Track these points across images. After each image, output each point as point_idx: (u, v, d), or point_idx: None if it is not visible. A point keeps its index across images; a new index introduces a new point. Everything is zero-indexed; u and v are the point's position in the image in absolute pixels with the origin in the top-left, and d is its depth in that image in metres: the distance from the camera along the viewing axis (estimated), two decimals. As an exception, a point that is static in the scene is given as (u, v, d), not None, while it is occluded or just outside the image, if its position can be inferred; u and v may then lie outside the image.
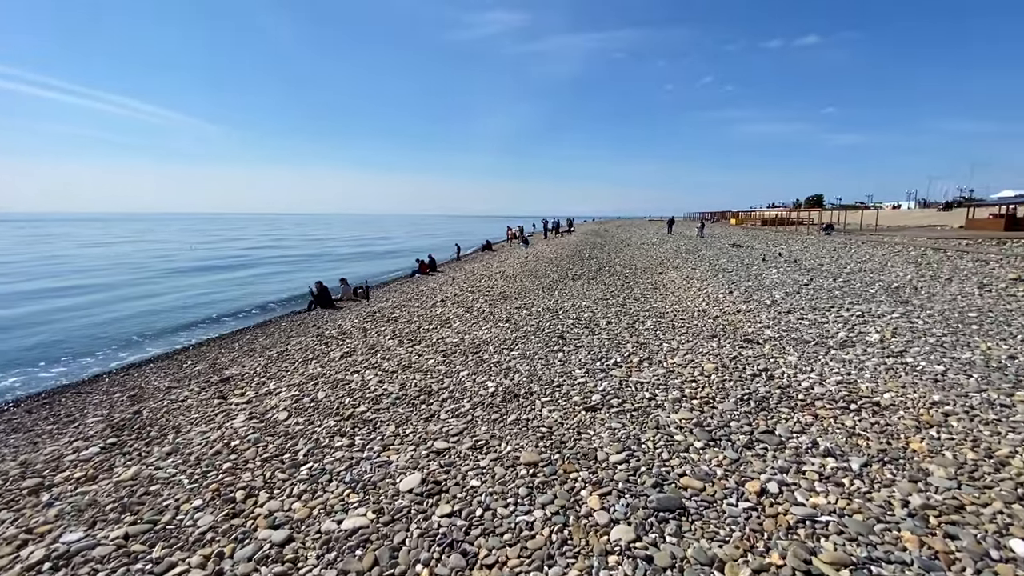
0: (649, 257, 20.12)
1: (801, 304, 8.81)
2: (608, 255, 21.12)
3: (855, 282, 11.29)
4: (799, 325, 7.21)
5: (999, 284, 10.76)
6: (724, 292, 10.68)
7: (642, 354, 5.58)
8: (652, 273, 15.22)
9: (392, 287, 17.57)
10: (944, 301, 8.87)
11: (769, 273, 13.17)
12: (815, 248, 20.56)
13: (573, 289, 11.27)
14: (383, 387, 4.94)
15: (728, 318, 7.96)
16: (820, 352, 5.76)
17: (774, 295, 9.86)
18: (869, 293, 9.81)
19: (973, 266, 13.55)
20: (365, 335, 8.11)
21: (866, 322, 7.25)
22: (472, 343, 6.41)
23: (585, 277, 13.62)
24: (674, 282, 13.05)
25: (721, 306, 9.08)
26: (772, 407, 4.02)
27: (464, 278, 15.59)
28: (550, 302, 9.33)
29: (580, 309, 8.55)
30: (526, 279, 13.41)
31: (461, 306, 9.64)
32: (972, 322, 7.17)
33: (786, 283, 11.37)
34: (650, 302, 9.64)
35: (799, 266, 14.57)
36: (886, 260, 15.47)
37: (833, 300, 9.07)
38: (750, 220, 50.60)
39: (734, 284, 11.66)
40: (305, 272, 23.47)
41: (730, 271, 14.23)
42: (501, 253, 27.73)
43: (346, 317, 10.82)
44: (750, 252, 19.81)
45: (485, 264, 20.16)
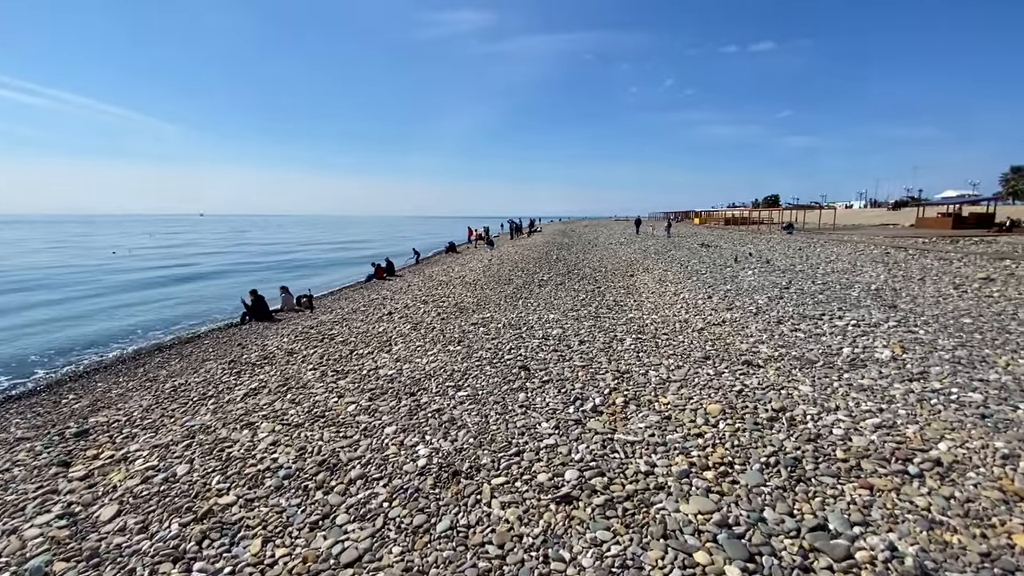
0: (618, 258, 19.23)
1: (788, 311, 7.91)
2: (577, 257, 20.10)
3: (834, 284, 10.59)
4: (795, 338, 6.23)
5: (972, 284, 10.29)
6: (702, 297, 9.73)
7: (626, 389, 4.39)
8: (623, 276, 14.25)
9: (343, 294, 15.90)
10: (931, 305, 8.17)
11: (744, 275, 12.38)
12: (781, 248, 20.20)
13: (539, 297, 10.06)
14: (274, 454, 3.53)
15: (715, 330, 6.94)
16: (832, 376, 4.75)
17: (757, 300, 8.96)
18: (852, 296, 9.06)
19: (939, 265, 13.23)
20: (288, 361, 6.61)
21: (864, 333, 6.36)
22: (411, 377, 5.04)
23: (553, 282, 12.45)
24: (647, 285, 12.07)
25: (703, 315, 8.08)
26: (810, 475, 2.90)
27: (421, 284, 14.14)
28: (513, 315, 8.06)
29: (548, 324, 7.32)
30: (488, 286, 12.10)
31: (409, 321, 8.24)
32: (971, 329, 6.40)
33: (765, 286, 10.55)
34: (625, 312, 8.55)
35: (772, 267, 13.90)
36: (854, 260, 15.06)
37: (820, 306, 8.22)
38: (713, 220, 51.08)
39: (711, 288, 10.75)
40: (258, 280, 21.36)
41: (704, 273, 13.41)
42: (465, 255, 26.34)
43: (279, 333, 9.22)
44: (720, 252, 19.22)
45: (446, 268, 18.74)
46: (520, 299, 9.79)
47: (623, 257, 19.69)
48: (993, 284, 10.19)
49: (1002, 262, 12.85)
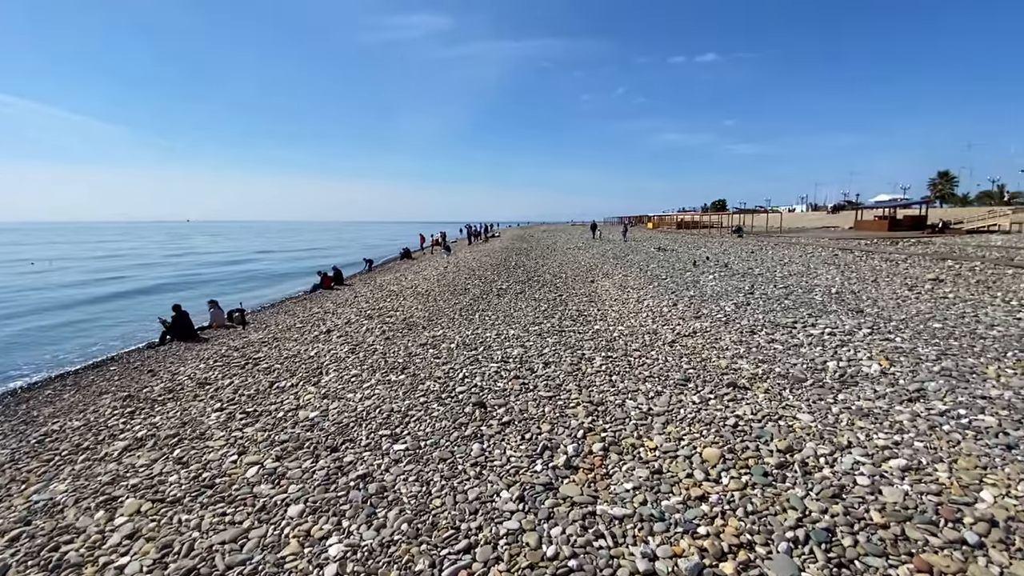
0: (578, 263, 18.73)
1: (759, 319, 7.47)
2: (536, 262, 19.44)
3: (795, 287, 10.39)
4: (774, 351, 5.71)
5: (924, 285, 10.40)
6: (667, 304, 9.22)
7: (603, 429, 3.60)
8: (584, 282, 13.66)
9: (283, 307, 14.41)
10: (894, 309, 8.00)
11: (706, 280, 12.07)
12: (735, 251, 20.41)
13: (498, 309, 9.21)
14: (123, 558, 2.48)
15: (687, 343, 6.34)
16: (827, 398, 4.19)
17: (724, 308, 8.53)
18: (817, 301, 8.80)
19: (887, 267, 13.51)
20: (196, 395, 5.41)
21: (843, 343, 5.94)
22: (337, 422, 4.03)
23: (512, 291, 11.65)
24: (609, 292, 11.51)
25: (671, 325, 7.51)
26: (852, 555, 2.21)
27: (369, 295, 12.96)
28: (468, 331, 7.16)
29: (507, 342, 6.48)
30: (442, 296, 11.13)
31: (349, 341, 7.16)
32: (944, 335, 6.13)
33: (728, 291, 10.20)
34: (590, 323, 7.86)
35: (732, 271, 13.74)
36: (806, 262, 15.23)
37: (789, 312, 7.85)
38: (665, 224, 52.21)
39: (674, 294, 10.29)
40: (201, 294, 19.24)
41: (664, 278, 13.03)
42: (420, 262, 25.13)
43: (199, 357, 7.88)
44: (677, 256, 19.13)
45: (399, 277, 17.56)
46: (477, 311, 8.90)
47: (583, 262, 19.22)
48: (944, 285, 10.31)
49: (944, 263, 13.26)
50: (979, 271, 11.67)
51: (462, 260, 21.81)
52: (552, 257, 22.20)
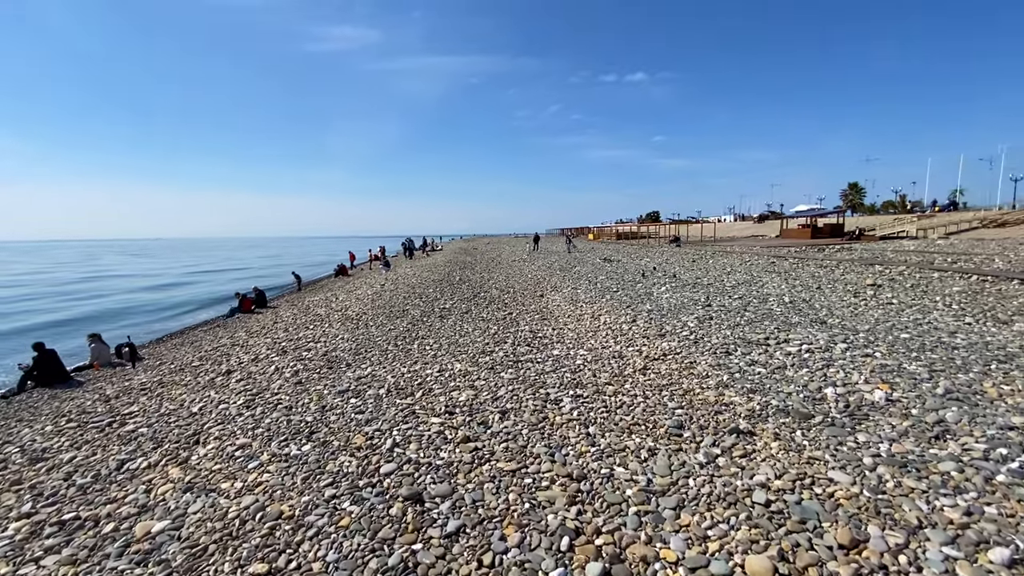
0: (525, 276, 17.84)
1: (727, 335, 6.83)
2: (481, 276, 18.33)
3: (749, 298, 10.05)
4: (759, 376, 4.97)
5: (866, 292, 10.47)
6: (626, 320, 8.44)
7: (597, 531, 2.49)
8: (533, 296, 12.73)
9: (190, 337, 12.21)
10: (852, 318, 7.72)
11: (660, 292, 11.54)
12: (677, 260, 20.50)
13: (441, 335, 7.96)
14: None
15: (660, 368, 5.49)
16: (847, 442, 3.41)
17: (687, 323, 7.86)
18: (776, 313, 8.39)
19: (824, 273, 13.77)
20: (14, 482, 3.72)
21: (826, 362, 5.34)
22: (192, 543, 2.59)
23: (457, 311, 10.43)
24: (561, 308, 10.62)
25: (636, 345, 6.68)
26: None
27: (291, 321, 11.19)
28: (404, 369, 5.85)
29: (453, 381, 5.25)
30: (375, 321, 9.68)
31: (249, 388, 5.60)
32: (916, 346, 5.74)
33: (685, 304, 9.63)
34: (547, 346, 6.85)
35: (681, 282, 13.39)
36: (748, 271, 15.32)
37: (754, 326, 7.30)
38: (605, 235, 53.15)
39: (631, 308, 9.57)
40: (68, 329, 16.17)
41: (616, 291, 12.40)
42: (356, 279, 23.19)
43: (58, 412, 5.94)
44: (624, 267, 18.80)
45: (329, 297, 15.73)
46: (416, 340, 7.59)
47: (529, 275, 18.38)
48: (883, 290, 10.41)
49: (873, 267, 13.71)
50: (907, 275, 12.04)
51: (402, 276, 20.24)
52: (498, 270, 21.21)
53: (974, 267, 11.99)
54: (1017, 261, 12.81)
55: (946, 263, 13.20)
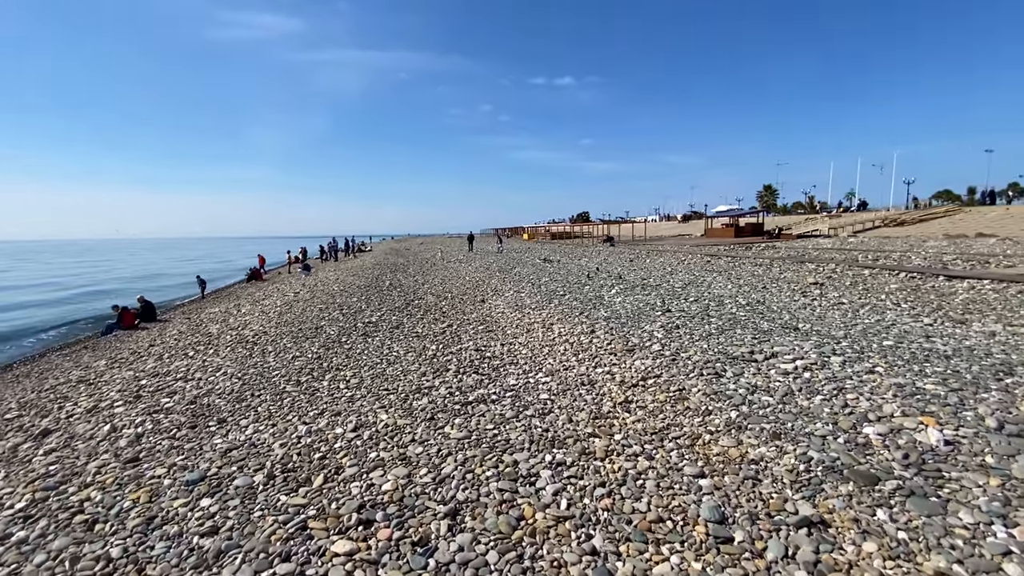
0: (463, 279, 16.30)
1: (704, 348, 5.84)
2: (415, 280, 16.49)
3: (705, 301, 9.33)
4: (771, 410, 3.92)
5: (812, 291, 10.22)
6: (584, 331, 7.27)
7: None
8: (473, 302, 11.27)
9: (41, 363, 9.28)
10: (816, 320, 7.15)
11: (610, 296, 10.56)
12: (616, 260, 20.02)
13: (363, 361, 6.23)
14: None
15: (644, 400, 4.30)
16: (951, 519, 2.36)
17: (652, 333, 6.82)
18: (741, 318, 7.65)
19: (763, 272, 13.69)
20: None
21: (837, 385, 4.44)
22: None
23: (386, 325, 8.68)
24: (506, 316, 9.28)
25: (605, 365, 5.49)
26: None
27: (173, 344, 8.77)
28: (301, 429, 3.97)
29: (375, 450, 3.55)
30: (278, 343, 7.66)
31: (59, 468, 3.58)
32: (913, 357, 5.06)
33: (643, 310, 8.67)
34: (501, 372, 5.44)
35: (628, 283, 12.59)
36: (689, 270, 14.99)
37: (728, 336, 6.41)
38: (540, 235, 52.81)
39: (585, 316, 8.43)
40: None
41: (563, 294, 11.28)
42: (271, 285, 20.27)
43: None
44: (565, 268, 17.88)
45: (230, 309, 13.13)
46: (328, 372, 5.77)
47: (467, 277, 16.87)
48: (828, 289, 10.20)
49: (806, 265, 13.84)
50: (841, 273, 12.12)
51: (322, 282, 17.80)
52: (433, 272, 19.44)
53: (896, 264, 12.32)
54: (930, 257, 13.50)
55: (869, 260, 13.57)
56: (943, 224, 23.09)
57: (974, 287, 9.07)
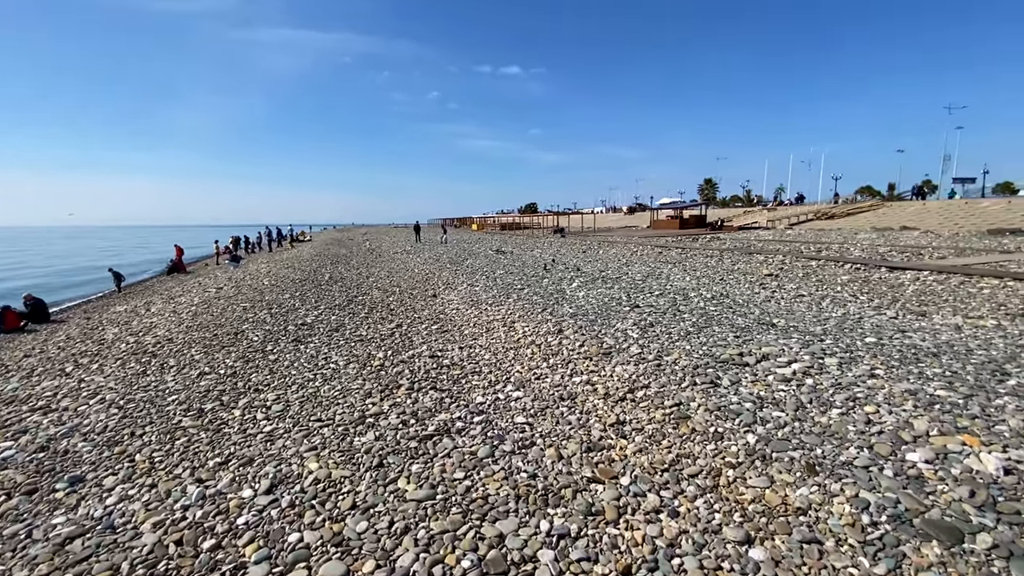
0: (411, 271, 15.06)
1: (687, 350, 5.23)
2: (358, 273, 15.01)
3: (669, 294, 8.87)
4: (790, 430, 3.30)
5: (770, 283, 10.11)
6: (550, 330, 6.50)
7: None
8: (424, 297, 10.21)
9: None
10: (792, 315, 6.83)
11: (572, 289, 9.86)
12: (568, 251, 19.52)
13: (292, 373, 5.04)
14: None
15: (641, 420, 3.56)
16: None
17: (627, 333, 6.16)
18: (713, 313, 7.20)
19: (714, 263, 13.62)
20: None
21: (849, 394, 3.95)
22: None
23: (323, 327, 7.41)
24: (461, 313, 8.34)
25: (583, 372, 4.73)
26: None
27: (55, 354, 6.96)
28: (208, 469, 2.88)
29: (303, 510, 2.54)
30: (184, 353, 6.19)
31: None
32: (904, 357, 4.71)
33: (609, 305, 8.03)
34: (463, 386, 4.50)
35: (587, 275, 11.99)
36: (644, 262, 14.70)
37: (707, 334, 5.86)
38: (489, 226, 51.76)
39: (549, 312, 7.67)
40: None
41: (520, 287, 10.48)
42: (194, 279, 17.86)
43: None
44: (519, 259, 17.08)
45: (139, 307, 11.10)
46: (243, 396, 4.50)
47: (416, 270, 15.65)
48: (784, 280, 10.12)
49: (754, 256, 13.93)
50: (791, 264, 12.22)
51: (252, 275, 15.81)
52: (379, 264, 17.96)
53: (839, 255, 12.61)
54: (867, 248, 14.04)
55: (813, 251, 13.87)
56: (869, 217, 24.76)
57: (919, 278, 9.25)
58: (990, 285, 8.44)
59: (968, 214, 20.94)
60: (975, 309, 6.97)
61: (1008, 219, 18.94)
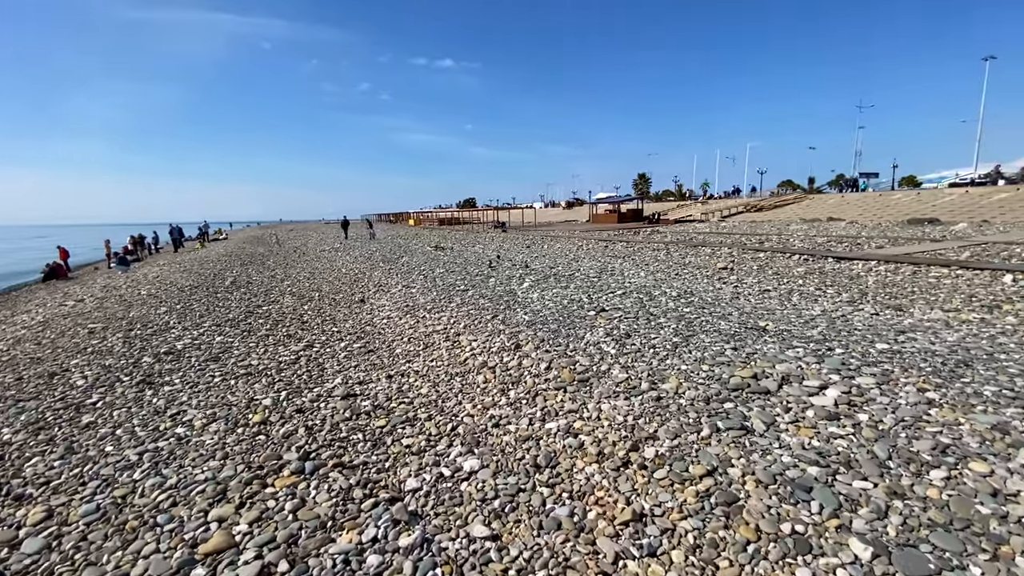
0: (337, 271, 12.94)
1: (685, 371, 4.02)
2: (271, 276, 12.60)
3: (634, 294, 7.76)
4: (914, 533, 2.09)
5: (730, 277, 9.37)
6: (505, 345, 5.09)
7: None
8: (349, 302, 8.40)
9: None
10: (770, 315, 5.92)
11: (524, 290, 8.48)
12: (512, 246, 18.19)
13: (100, 455, 3.13)
14: None
15: (661, 501, 2.20)
16: None
17: (600, 347, 4.87)
18: (692, 317, 6.15)
19: (664, 256, 12.90)
20: None
21: (934, 443, 2.87)
22: None
23: (200, 352, 5.36)
24: (393, 322, 6.72)
25: (559, 410, 3.36)
26: None
27: None
28: None
29: None
30: (18, 391, 3.99)
31: None
32: (934, 369, 3.81)
33: (571, 310, 6.74)
34: (386, 450, 2.90)
35: (538, 273, 10.68)
36: (592, 257, 13.70)
37: (697, 347, 4.72)
38: (427, 221, 49.25)
39: (501, 322, 6.24)
40: None
41: (464, 289, 8.95)
42: (70, 286, 14.30)
43: None
44: (461, 256, 15.45)
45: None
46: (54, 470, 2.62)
47: (343, 269, 13.53)
48: (744, 275, 9.44)
49: (702, 249, 13.40)
50: (739, 256, 11.73)
51: (136, 282, 12.78)
52: (300, 264, 15.50)
53: (782, 247, 12.34)
54: (807, 240, 14.04)
55: (756, 243, 13.60)
56: (795, 209, 25.90)
57: (872, 269, 8.91)
58: (940, 274, 8.20)
59: (884, 206, 22.43)
60: (946, 301, 6.47)
61: (920, 210, 20.40)
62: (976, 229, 15.22)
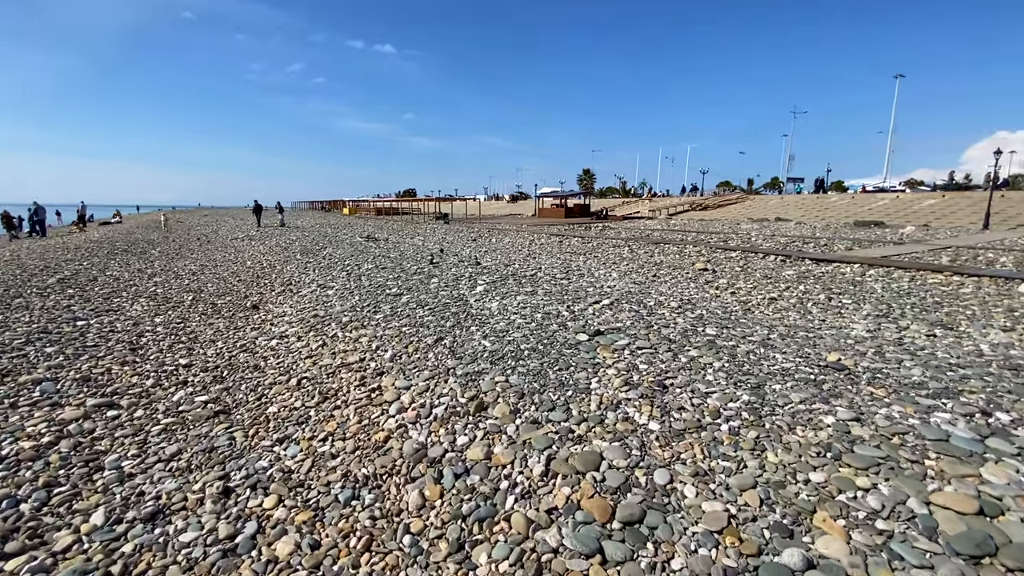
0: (241, 264, 9.83)
1: (821, 488, 1.99)
2: (139, 269, 9.18)
3: (623, 304, 5.79)
4: None
5: (714, 281, 7.77)
6: (456, 400, 2.78)
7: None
8: (235, 308, 5.67)
9: None
10: (846, 349, 4.22)
11: (478, 298, 6.21)
12: (458, 240, 15.75)
13: None
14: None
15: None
16: None
17: (626, 411, 2.75)
18: (733, 349, 4.26)
19: (630, 255, 11.20)
20: None
21: None
22: None
23: None
24: (288, 347, 4.14)
25: None
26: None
27: None
28: None
29: None
30: None
31: None
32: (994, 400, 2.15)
33: (551, 332, 4.59)
34: None
35: (492, 272, 8.43)
36: (550, 252, 11.72)
37: (793, 414, 2.77)
38: (363, 210, 44.86)
39: (449, 349, 3.95)
40: None
41: (398, 292, 6.56)
42: None
43: None
44: (397, 249, 12.77)
45: None
46: None
47: (249, 262, 10.42)
48: (730, 279, 7.87)
49: (667, 247, 11.90)
50: (709, 256, 10.31)
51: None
52: (196, 254, 11.99)
53: (751, 247, 11.14)
54: (767, 238, 13.07)
55: (722, 243, 12.36)
56: (739, 209, 25.80)
57: (865, 274, 7.69)
58: (937, 280, 7.14)
59: (823, 207, 22.74)
60: (986, 316, 5.16)
61: (858, 212, 20.73)
62: (923, 232, 15.27)
